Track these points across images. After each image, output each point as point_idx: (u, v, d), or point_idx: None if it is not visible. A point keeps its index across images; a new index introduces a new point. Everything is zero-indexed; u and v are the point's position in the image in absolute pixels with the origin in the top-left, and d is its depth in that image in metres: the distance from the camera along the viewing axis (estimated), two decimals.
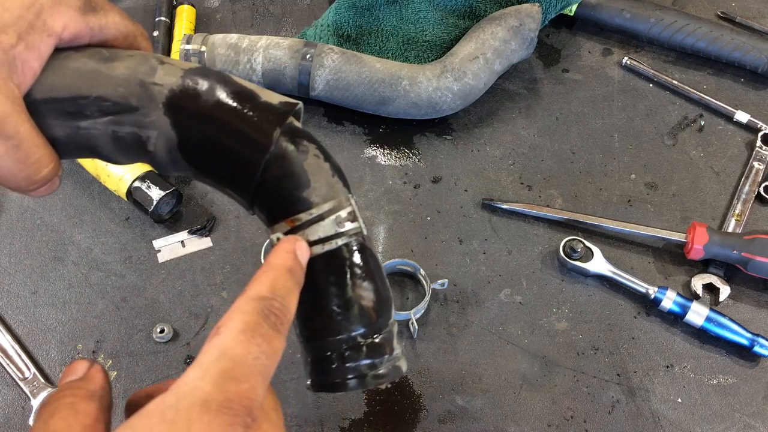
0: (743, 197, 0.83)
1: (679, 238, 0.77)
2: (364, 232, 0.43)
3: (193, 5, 0.93)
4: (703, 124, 0.89)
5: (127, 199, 0.75)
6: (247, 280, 0.73)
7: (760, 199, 0.83)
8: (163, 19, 0.91)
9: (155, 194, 0.74)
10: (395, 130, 0.86)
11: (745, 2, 1.01)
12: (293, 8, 0.96)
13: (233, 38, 0.82)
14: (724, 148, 0.87)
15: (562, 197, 0.82)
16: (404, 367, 0.44)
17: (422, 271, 0.74)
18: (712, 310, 0.72)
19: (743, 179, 0.84)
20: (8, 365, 0.68)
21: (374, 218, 0.79)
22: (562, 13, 0.93)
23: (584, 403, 0.69)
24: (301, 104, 0.43)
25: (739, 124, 0.89)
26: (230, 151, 0.41)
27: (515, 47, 0.84)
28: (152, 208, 0.74)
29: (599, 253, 0.76)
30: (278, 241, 0.42)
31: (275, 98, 0.42)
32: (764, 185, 0.83)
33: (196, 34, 0.83)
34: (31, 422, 0.65)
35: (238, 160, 0.41)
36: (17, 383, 0.67)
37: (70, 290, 0.73)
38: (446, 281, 0.73)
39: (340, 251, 0.42)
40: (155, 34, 0.89)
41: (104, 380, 0.40)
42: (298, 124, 0.43)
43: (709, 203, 0.83)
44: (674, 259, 0.78)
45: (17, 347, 0.69)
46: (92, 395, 0.38)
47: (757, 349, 0.71)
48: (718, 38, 0.91)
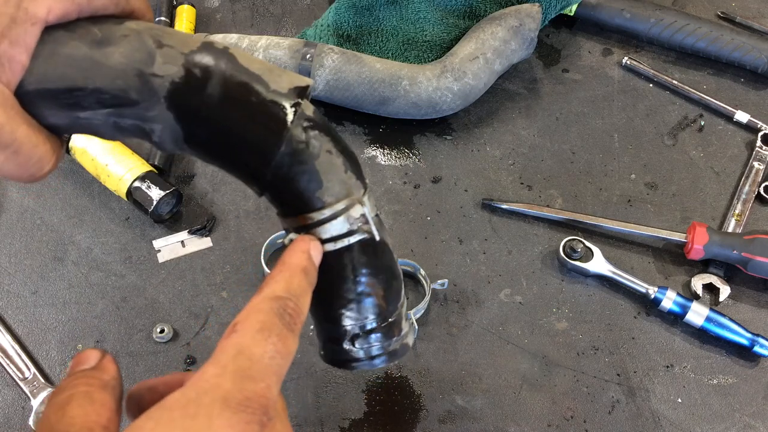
0: (743, 197, 0.83)
1: (679, 238, 0.77)
2: (374, 231, 0.43)
3: (193, 5, 0.93)
4: (703, 124, 0.89)
5: (127, 199, 0.75)
6: (247, 280, 0.74)
7: (760, 199, 0.83)
8: (163, 19, 0.91)
9: (155, 194, 0.74)
10: (395, 130, 0.86)
11: (745, 2, 1.01)
12: (293, 8, 0.96)
13: (233, 38, 0.82)
14: (724, 148, 0.87)
15: (562, 197, 0.82)
16: (411, 341, 0.47)
17: (422, 271, 0.74)
18: (712, 310, 0.72)
19: (743, 179, 0.84)
20: (8, 365, 0.68)
21: None
22: (562, 13, 0.93)
23: (584, 403, 0.69)
24: (311, 82, 0.41)
25: (739, 124, 0.89)
26: (239, 146, 0.40)
27: (515, 47, 0.84)
28: (152, 208, 0.74)
29: (599, 253, 0.76)
30: (290, 241, 0.42)
31: (285, 83, 0.40)
32: (764, 185, 0.83)
33: (196, 34, 0.83)
34: (31, 422, 0.65)
35: (248, 155, 0.40)
36: (17, 383, 0.67)
37: (70, 290, 0.73)
38: (446, 281, 0.73)
39: (351, 249, 0.42)
40: None
41: (116, 371, 0.39)
42: (309, 110, 0.41)
43: (709, 203, 0.83)
44: (674, 259, 0.78)
45: (17, 347, 0.69)
46: (106, 385, 0.37)
47: (757, 349, 0.71)
48: (718, 38, 0.91)
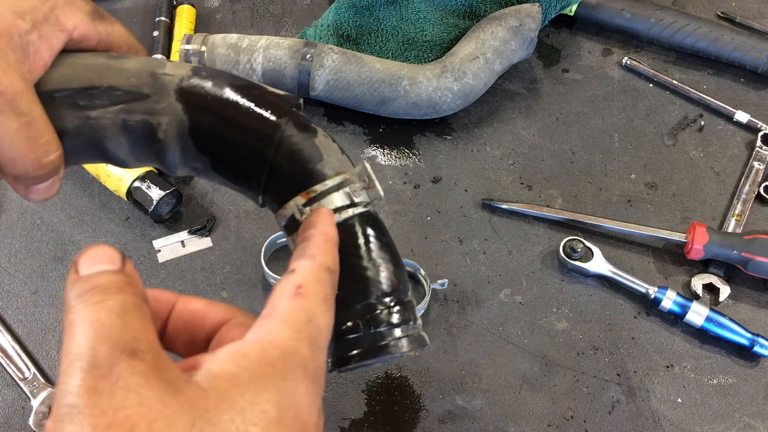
0: (743, 197, 0.83)
1: (679, 238, 0.77)
2: (379, 191, 0.43)
3: (193, 5, 0.93)
4: (703, 124, 0.89)
5: (127, 199, 0.75)
6: (247, 280, 0.74)
7: (760, 199, 0.83)
8: (163, 19, 0.91)
9: (155, 194, 0.74)
10: (395, 130, 0.86)
11: (745, 2, 1.01)
12: (293, 8, 0.96)
13: (233, 38, 0.82)
14: (724, 148, 0.87)
15: (562, 197, 0.82)
16: (427, 338, 0.44)
17: (422, 271, 0.74)
18: (712, 310, 0.72)
19: (743, 179, 0.84)
20: (8, 365, 0.68)
21: None
22: (562, 13, 0.93)
23: (584, 403, 0.70)
24: (301, 100, 0.45)
25: (739, 124, 0.89)
26: (243, 131, 0.41)
27: (515, 47, 0.84)
28: (152, 208, 0.74)
29: (599, 253, 0.76)
30: (301, 208, 0.42)
31: (280, 91, 0.44)
32: (764, 185, 0.83)
33: (196, 34, 0.83)
34: (31, 422, 0.65)
35: (251, 140, 0.41)
36: (17, 383, 0.67)
37: None
38: (446, 281, 0.73)
39: (358, 219, 0.42)
40: (155, 34, 0.89)
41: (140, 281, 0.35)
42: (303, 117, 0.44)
43: (709, 203, 0.83)
44: (674, 259, 0.78)
45: (17, 347, 0.69)
46: (146, 300, 0.33)
47: (757, 349, 0.71)
48: (718, 38, 0.91)
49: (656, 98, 0.91)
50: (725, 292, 0.75)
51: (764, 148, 0.86)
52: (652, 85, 0.92)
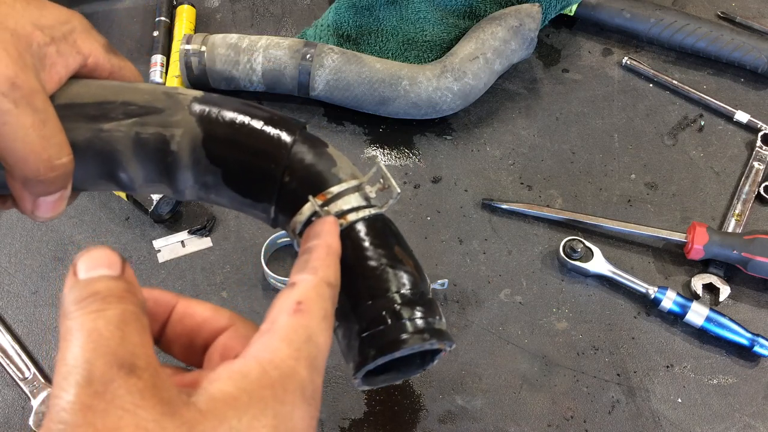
0: (743, 197, 0.83)
1: (679, 238, 0.77)
2: (397, 189, 0.44)
3: (193, 5, 0.93)
4: (703, 124, 0.89)
5: (127, 199, 0.75)
6: (247, 280, 0.74)
7: (760, 199, 0.83)
8: (163, 19, 0.91)
9: (155, 194, 0.74)
10: (395, 130, 0.86)
11: (745, 2, 1.01)
12: (293, 8, 0.96)
13: (233, 38, 0.82)
14: (724, 148, 0.87)
15: (562, 197, 0.82)
16: (452, 338, 0.42)
17: None
18: (712, 310, 0.72)
19: (743, 179, 0.84)
20: (8, 365, 0.68)
21: None
22: (562, 13, 0.93)
23: (584, 403, 0.70)
24: (306, 125, 0.47)
25: (739, 124, 0.89)
26: (258, 139, 0.42)
27: (515, 47, 0.84)
28: (152, 208, 0.74)
29: (599, 253, 0.76)
30: (320, 209, 0.41)
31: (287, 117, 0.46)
32: (764, 185, 0.83)
33: (196, 34, 0.83)
34: (31, 422, 0.65)
35: (266, 147, 0.42)
36: (17, 383, 0.67)
37: None
38: (446, 281, 0.73)
39: (376, 217, 0.43)
40: (155, 34, 0.89)
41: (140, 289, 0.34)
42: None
43: (709, 203, 0.83)
44: (674, 259, 0.78)
45: (17, 347, 0.69)
46: (144, 309, 0.32)
47: (757, 349, 0.71)
48: (718, 38, 0.91)
49: (656, 98, 0.91)
50: (725, 292, 0.75)
51: (764, 148, 0.86)
52: (652, 85, 0.92)
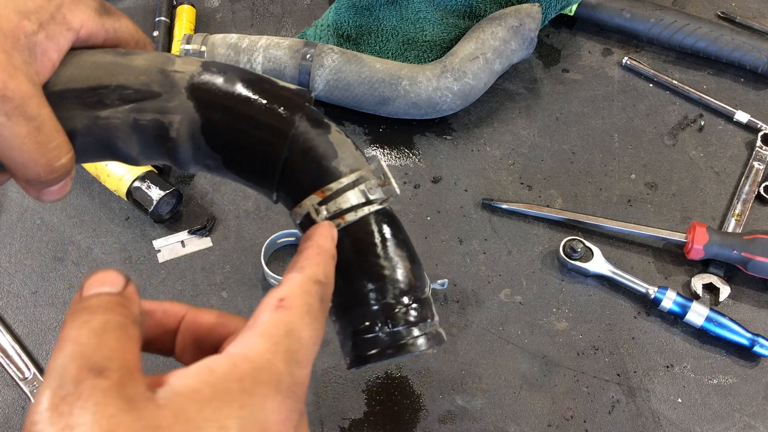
0: (743, 197, 0.83)
1: (679, 238, 0.77)
2: (395, 188, 0.43)
3: (193, 5, 0.93)
4: (703, 124, 0.89)
5: (127, 199, 0.75)
6: (247, 280, 0.74)
7: (760, 199, 0.83)
8: (163, 19, 0.91)
9: (155, 194, 0.74)
10: (395, 130, 0.86)
11: (745, 2, 1.01)
12: (293, 8, 0.96)
13: (233, 38, 0.82)
14: (724, 148, 0.87)
15: (562, 197, 0.82)
16: (444, 335, 0.44)
17: None
18: (712, 310, 0.72)
19: (743, 179, 0.84)
20: (8, 365, 0.68)
21: None
22: (562, 13, 0.93)
23: (584, 403, 0.70)
24: (313, 93, 0.44)
25: (739, 124, 0.89)
26: (257, 127, 0.41)
27: (515, 47, 0.84)
28: (152, 208, 0.74)
29: (599, 253, 0.76)
30: (317, 207, 0.41)
31: (291, 86, 0.43)
32: (764, 185, 0.83)
33: (196, 34, 0.83)
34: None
35: (265, 137, 0.41)
36: (17, 383, 0.67)
37: (70, 290, 0.73)
38: (446, 281, 0.74)
39: (374, 217, 0.42)
40: (155, 34, 0.89)
41: (140, 304, 0.36)
42: (314, 111, 0.44)
43: (709, 203, 0.83)
44: (674, 259, 0.78)
45: (17, 347, 0.69)
46: (135, 321, 0.34)
47: (757, 349, 0.71)
48: (718, 38, 0.91)
49: (656, 98, 0.91)
50: (725, 292, 0.75)
51: (764, 148, 0.86)
52: (652, 85, 0.92)
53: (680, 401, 0.70)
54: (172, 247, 0.76)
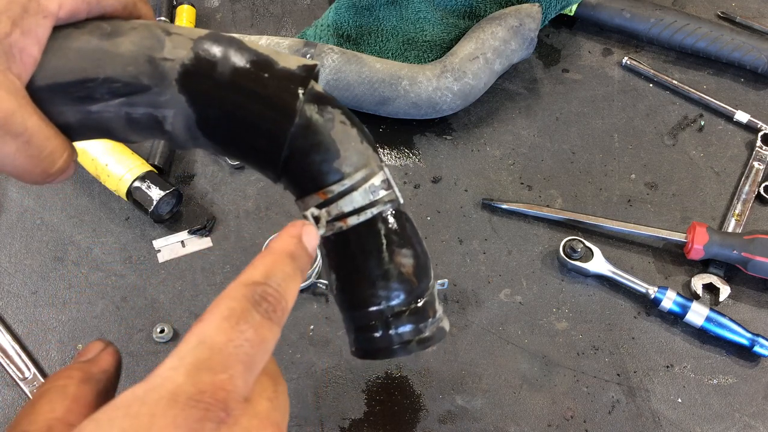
0: (743, 197, 0.83)
1: (679, 238, 0.77)
2: (399, 200, 0.43)
3: (193, 5, 0.93)
4: (703, 124, 0.89)
5: (127, 199, 0.75)
6: None
7: (760, 199, 0.83)
8: (163, 19, 0.91)
9: (155, 194, 0.74)
10: (395, 130, 0.86)
11: (745, 2, 1.01)
12: (293, 8, 0.96)
13: None
14: (724, 148, 0.87)
15: (562, 197, 0.82)
16: (447, 326, 0.44)
17: None
18: (712, 310, 0.72)
19: (743, 179, 0.84)
20: (8, 365, 0.68)
21: None
22: (562, 13, 0.93)
23: (584, 403, 0.70)
24: (319, 65, 0.41)
25: (739, 124, 0.89)
26: (253, 124, 0.39)
27: (515, 47, 0.84)
28: (152, 208, 0.74)
29: (599, 253, 0.76)
30: (319, 212, 0.41)
31: (293, 62, 0.40)
32: (764, 185, 0.83)
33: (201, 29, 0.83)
34: None
35: (262, 134, 0.39)
36: (17, 383, 0.67)
37: (70, 290, 0.73)
38: (446, 281, 0.73)
39: (375, 220, 0.41)
40: None
41: (111, 364, 0.37)
42: (319, 88, 0.41)
43: (709, 203, 0.83)
44: (674, 259, 0.78)
45: (17, 347, 0.69)
46: (90, 378, 0.36)
47: (757, 349, 0.71)
48: (718, 38, 0.91)
49: (656, 98, 0.91)
50: (725, 292, 0.75)
51: (764, 148, 0.86)
52: (652, 85, 0.92)
53: (680, 401, 0.70)
54: (172, 247, 0.76)
